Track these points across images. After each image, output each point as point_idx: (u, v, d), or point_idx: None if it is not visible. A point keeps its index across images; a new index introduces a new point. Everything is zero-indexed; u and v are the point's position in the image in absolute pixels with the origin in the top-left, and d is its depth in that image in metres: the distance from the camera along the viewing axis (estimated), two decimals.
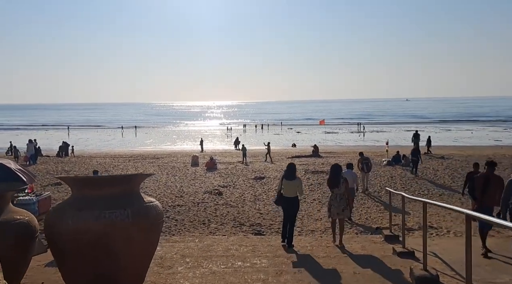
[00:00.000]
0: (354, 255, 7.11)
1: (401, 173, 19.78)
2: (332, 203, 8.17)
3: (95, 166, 23.83)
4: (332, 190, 8.25)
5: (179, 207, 13.83)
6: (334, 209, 8.14)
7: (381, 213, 13.08)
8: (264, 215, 12.80)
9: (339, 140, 54.09)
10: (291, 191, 7.95)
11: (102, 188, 4.36)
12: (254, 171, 21.41)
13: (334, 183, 8.18)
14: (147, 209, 4.48)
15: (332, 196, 8.24)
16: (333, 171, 8.30)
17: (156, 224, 4.63)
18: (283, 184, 8.01)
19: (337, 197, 8.13)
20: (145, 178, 5.56)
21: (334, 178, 8.22)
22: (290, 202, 7.99)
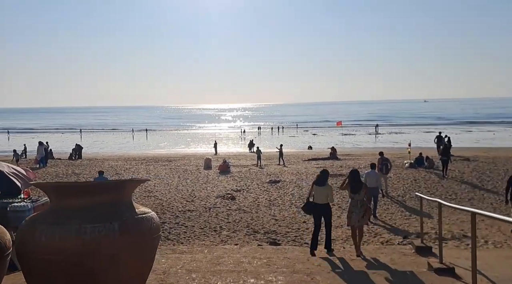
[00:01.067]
0: (384, 271, 6.21)
1: (425, 176, 18.68)
2: (353, 210, 7.78)
3: (106, 169, 23.30)
4: (353, 196, 7.85)
5: (189, 212, 13.08)
6: (355, 216, 7.77)
7: (406, 220, 12.10)
8: (279, 222, 11.96)
9: (357, 142, 52.90)
10: (322, 198, 7.82)
11: (84, 196, 3.59)
12: (268, 175, 20.57)
13: (355, 188, 7.79)
14: (139, 222, 3.71)
15: (353, 202, 7.86)
16: (353, 176, 7.91)
17: (151, 240, 3.84)
18: (314, 190, 7.91)
19: (358, 203, 7.78)
20: (138, 185, 4.80)
21: (355, 183, 7.84)
22: (321, 209, 7.87)
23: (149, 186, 17.69)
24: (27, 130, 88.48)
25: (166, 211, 13.12)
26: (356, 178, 7.87)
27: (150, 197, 15.35)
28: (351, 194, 7.85)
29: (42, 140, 26.52)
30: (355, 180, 7.83)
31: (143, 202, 14.47)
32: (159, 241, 4.22)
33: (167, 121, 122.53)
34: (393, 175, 19.05)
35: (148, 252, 3.83)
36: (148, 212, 3.94)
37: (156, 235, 3.93)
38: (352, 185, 7.81)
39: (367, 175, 12.94)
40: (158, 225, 4.03)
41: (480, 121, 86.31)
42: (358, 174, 8.04)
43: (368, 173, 13.14)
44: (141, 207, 4.01)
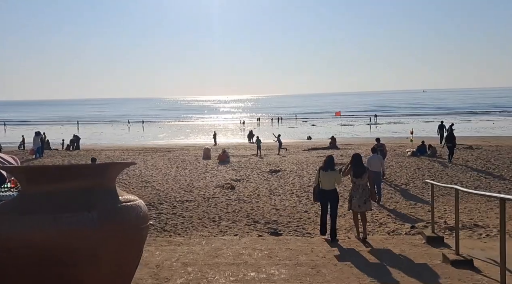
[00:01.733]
0: (395, 263, 5.76)
1: (429, 164, 18.22)
2: (354, 195, 7.61)
3: (103, 159, 22.83)
4: (355, 180, 7.63)
5: (187, 202, 12.62)
6: (356, 201, 7.58)
7: (412, 209, 11.67)
8: (280, 211, 11.52)
9: (356, 132, 52.57)
10: (329, 183, 7.61)
11: (58, 181, 3.10)
12: (269, 164, 20.11)
13: (357, 173, 7.58)
14: (123, 210, 3.23)
15: (354, 187, 7.66)
16: (355, 160, 7.73)
17: (137, 231, 3.36)
18: (321, 176, 7.65)
19: (360, 188, 7.57)
20: (122, 169, 4.31)
21: (357, 167, 7.64)
22: (328, 195, 7.64)
23: (146, 176, 17.22)
24: (25, 122, 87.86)
25: (163, 201, 12.66)
26: (359, 162, 7.70)
27: (147, 187, 14.87)
28: (353, 178, 7.62)
29: (40, 131, 25.96)
30: (358, 165, 7.65)
31: (139, 193, 13.99)
32: (147, 232, 3.75)
33: (166, 113, 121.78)
34: (395, 164, 18.62)
35: (134, 245, 3.35)
36: (134, 199, 3.46)
37: (143, 226, 3.45)
38: (355, 169, 7.60)
39: (370, 159, 12.73)
40: (146, 215, 3.55)
41: (479, 111, 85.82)
42: (361, 159, 7.86)
43: (372, 157, 12.88)
44: (126, 194, 3.53)
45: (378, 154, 13.48)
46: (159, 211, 11.57)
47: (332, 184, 7.62)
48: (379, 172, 12.55)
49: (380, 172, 12.68)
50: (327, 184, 7.62)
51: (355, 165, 7.64)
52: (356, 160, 7.70)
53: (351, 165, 7.70)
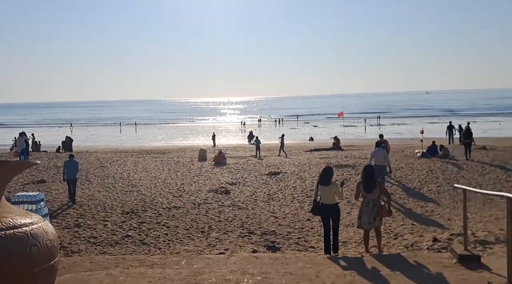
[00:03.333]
0: None
1: (442, 166, 16.79)
2: (364, 211, 6.89)
3: (92, 161, 21.49)
4: (365, 195, 6.91)
5: (175, 209, 11.24)
6: (366, 218, 6.88)
7: (428, 216, 10.23)
8: (279, 220, 10.13)
9: (359, 133, 51.26)
10: (329, 198, 7.03)
11: None
12: (268, 166, 18.71)
13: (368, 187, 6.86)
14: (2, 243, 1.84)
15: (365, 202, 6.92)
16: (366, 173, 7.03)
17: (26, 278, 1.96)
18: (319, 190, 7.09)
19: (370, 204, 6.86)
20: (14, 172, 2.86)
21: (367, 181, 6.91)
22: (329, 209, 7.04)
23: (134, 179, 15.85)
24: (20, 125, 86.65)
25: (148, 209, 11.29)
26: (370, 175, 6.99)
27: (132, 192, 13.49)
28: (364, 192, 6.90)
29: (24, 131, 24.61)
30: (369, 178, 6.93)
31: (122, 198, 12.65)
32: (54, 276, 2.35)
33: (166, 115, 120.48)
34: (405, 165, 17.22)
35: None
36: (26, 224, 2.07)
37: (39, 269, 2.06)
38: (365, 183, 6.89)
39: (374, 152, 12.93)
40: (50, 250, 2.16)
41: (484, 112, 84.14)
42: (373, 171, 7.18)
43: (376, 151, 13.01)
44: (19, 214, 2.14)
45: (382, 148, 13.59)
46: (141, 220, 10.20)
47: (332, 198, 7.06)
48: (383, 166, 12.62)
49: (385, 165, 12.70)
50: (326, 198, 7.04)
51: (365, 178, 6.95)
52: (367, 172, 7.02)
53: (362, 177, 7.08)
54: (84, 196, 12.94)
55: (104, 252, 7.85)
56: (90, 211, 11.04)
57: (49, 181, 15.56)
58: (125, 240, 8.56)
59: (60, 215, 10.64)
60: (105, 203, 12.00)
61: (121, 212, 10.91)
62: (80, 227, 9.55)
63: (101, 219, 10.29)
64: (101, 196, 13.01)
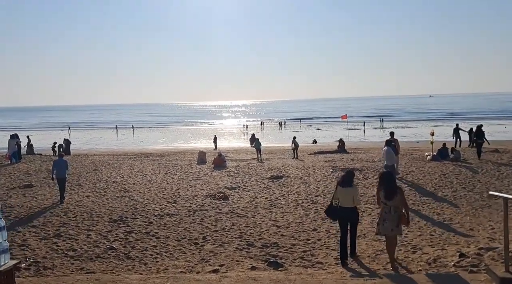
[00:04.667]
0: None
1: (454, 170, 15.75)
2: (386, 217, 6.54)
3: (87, 165, 20.56)
4: (386, 202, 6.56)
5: (167, 217, 10.27)
6: (388, 224, 6.50)
7: (447, 225, 9.22)
8: (282, 229, 9.14)
9: (363, 136, 50.28)
10: (348, 201, 7.01)
11: None
12: (270, 169, 17.72)
13: (389, 195, 6.55)
14: None
15: (385, 208, 6.59)
16: (386, 180, 6.74)
17: None
18: (338, 192, 7.12)
19: (391, 210, 6.53)
20: None
21: (389, 189, 6.61)
22: (347, 213, 7.04)
23: (128, 184, 14.90)
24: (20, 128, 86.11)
25: (138, 216, 10.32)
26: (391, 183, 6.69)
27: (124, 198, 12.53)
28: (384, 199, 6.55)
29: (16, 133, 23.73)
30: (390, 185, 6.62)
31: (112, 204, 11.69)
32: None
33: (168, 118, 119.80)
34: (415, 169, 16.21)
35: None
36: None
37: None
38: (387, 190, 6.56)
39: (387, 152, 12.51)
40: None
41: (488, 116, 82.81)
42: (393, 178, 6.95)
43: (388, 151, 12.63)
44: None
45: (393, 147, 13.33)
46: (129, 229, 9.23)
47: (351, 201, 7.02)
48: (393, 165, 12.45)
49: (393, 165, 12.53)
50: (346, 202, 7.00)
51: (387, 186, 6.63)
52: (387, 180, 6.71)
53: (382, 186, 6.69)
54: (71, 202, 11.99)
55: (81, 268, 6.88)
56: (74, 219, 10.09)
57: (37, 186, 14.62)
58: (108, 254, 7.59)
59: (41, 224, 9.69)
60: (93, 210, 11.05)
61: (108, 220, 9.95)
62: (61, 238, 8.59)
63: (85, 228, 9.32)
64: (89, 202, 12.05)
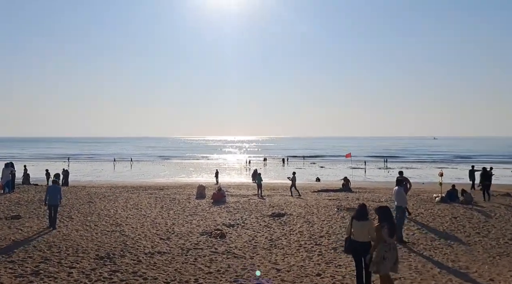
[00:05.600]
0: None
1: (465, 213, 14.94)
2: (386, 256, 6.43)
3: (82, 196, 19.84)
4: (388, 240, 6.45)
5: (158, 255, 9.48)
6: (388, 263, 6.44)
7: (465, 276, 8.40)
8: (283, 274, 8.33)
9: (367, 175, 49.46)
10: (362, 235, 6.79)
11: None
12: (271, 206, 16.95)
13: (392, 231, 6.45)
14: None
15: (386, 246, 6.47)
16: (388, 216, 6.59)
17: None
18: (353, 225, 6.91)
19: (391, 248, 6.51)
20: None
21: (391, 225, 6.50)
22: (361, 247, 6.81)
23: (121, 217, 14.14)
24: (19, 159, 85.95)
25: (127, 253, 9.54)
26: (391, 218, 6.61)
27: (115, 233, 11.76)
28: (388, 238, 6.40)
29: (12, 162, 23.19)
30: (391, 221, 6.53)
31: (101, 239, 10.92)
32: None
33: (171, 152, 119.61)
34: (424, 211, 15.42)
35: None
36: None
37: None
38: (390, 227, 6.44)
39: (398, 192, 11.56)
40: None
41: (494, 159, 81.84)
42: (391, 213, 6.77)
43: (399, 191, 11.64)
44: None
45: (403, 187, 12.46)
46: (115, 267, 8.44)
47: (365, 235, 6.77)
48: (405, 208, 11.72)
49: (403, 207, 11.66)
50: (360, 236, 6.80)
51: (390, 222, 6.47)
52: (389, 216, 6.53)
53: (384, 223, 6.46)
54: (58, 236, 11.24)
55: None
56: (58, 255, 9.32)
57: (25, 217, 13.89)
58: None
59: (20, 259, 8.92)
60: (79, 244, 10.29)
61: (94, 257, 9.18)
62: (38, 276, 7.82)
63: (68, 265, 8.55)
64: (77, 236, 11.29)
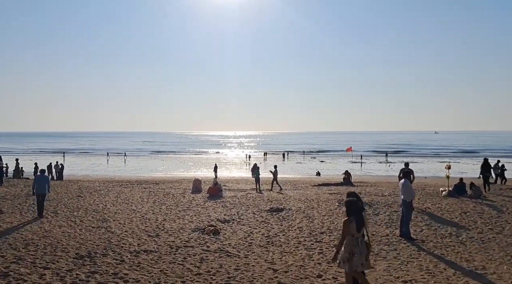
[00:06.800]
0: None
1: (475, 208, 14.09)
2: (355, 251, 5.97)
3: (73, 190, 19.04)
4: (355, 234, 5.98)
5: (144, 254, 8.65)
6: (358, 258, 5.95)
7: (482, 278, 7.56)
8: (280, 275, 7.49)
9: (368, 170, 48.70)
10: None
11: None
12: (270, 201, 16.13)
13: (360, 225, 5.98)
14: None
15: (353, 241, 6.00)
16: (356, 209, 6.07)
17: None
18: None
19: (359, 243, 6.02)
20: None
21: (359, 218, 6.02)
22: None
23: (109, 213, 13.32)
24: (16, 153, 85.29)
25: (110, 252, 8.71)
26: (360, 211, 6.05)
27: (100, 229, 10.94)
28: (356, 232, 5.93)
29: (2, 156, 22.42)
30: (359, 214, 6.01)
31: (84, 237, 10.11)
32: None
33: (170, 147, 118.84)
34: (431, 206, 14.58)
35: None
36: None
37: None
38: (358, 221, 5.94)
39: (403, 185, 10.55)
40: None
41: (497, 153, 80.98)
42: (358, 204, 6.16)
43: (405, 183, 10.59)
44: None
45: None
46: (95, 268, 7.61)
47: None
48: (408, 201, 10.50)
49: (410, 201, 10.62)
50: None
51: (358, 216, 5.97)
52: (357, 210, 6.02)
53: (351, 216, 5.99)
54: (38, 232, 10.43)
55: None
56: (34, 254, 8.50)
57: (8, 212, 13.09)
58: None
59: None
60: (60, 242, 9.47)
61: (73, 256, 8.35)
62: (7, 278, 6.99)
63: (43, 265, 7.72)
64: (59, 232, 10.48)
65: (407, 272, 7.66)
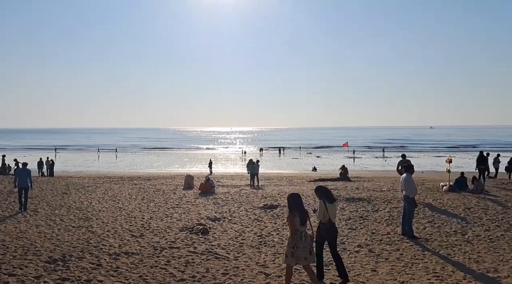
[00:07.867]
0: None
1: (479, 203, 13.42)
2: (298, 245, 5.92)
3: (59, 187, 18.24)
4: (300, 228, 5.96)
5: (125, 257, 7.90)
6: (301, 252, 5.91)
7: (492, 279, 6.87)
8: (272, 280, 6.77)
9: (364, 165, 48.20)
10: (334, 216, 6.73)
11: None
12: (264, 197, 15.40)
13: (304, 219, 6.03)
14: None
15: (297, 235, 5.96)
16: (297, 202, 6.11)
17: None
18: (329, 208, 6.57)
19: (303, 236, 6.00)
20: None
21: (303, 212, 6.06)
22: (329, 228, 6.65)
23: (93, 210, 12.55)
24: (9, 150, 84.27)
25: (87, 255, 7.96)
26: (302, 205, 6.19)
27: (80, 228, 10.18)
28: (300, 226, 6.00)
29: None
30: (302, 208, 6.14)
31: (62, 237, 9.33)
32: None
33: (166, 143, 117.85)
34: (433, 201, 13.91)
35: None
36: None
37: None
38: (302, 215, 6.05)
39: (405, 180, 9.78)
40: None
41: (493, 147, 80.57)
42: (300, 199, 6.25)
43: (407, 178, 9.76)
44: None
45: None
46: (66, 274, 6.85)
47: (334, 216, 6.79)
48: (411, 197, 9.72)
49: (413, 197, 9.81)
50: (333, 216, 6.72)
51: (301, 210, 6.08)
52: (298, 202, 6.13)
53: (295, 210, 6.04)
54: (12, 233, 9.65)
55: None
56: (1, 258, 7.72)
57: None
58: None
59: None
60: (34, 244, 8.70)
61: (46, 260, 7.59)
62: None
63: (8, 271, 6.95)
64: (35, 233, 9.71)
65: (412, 276, 6.95)
